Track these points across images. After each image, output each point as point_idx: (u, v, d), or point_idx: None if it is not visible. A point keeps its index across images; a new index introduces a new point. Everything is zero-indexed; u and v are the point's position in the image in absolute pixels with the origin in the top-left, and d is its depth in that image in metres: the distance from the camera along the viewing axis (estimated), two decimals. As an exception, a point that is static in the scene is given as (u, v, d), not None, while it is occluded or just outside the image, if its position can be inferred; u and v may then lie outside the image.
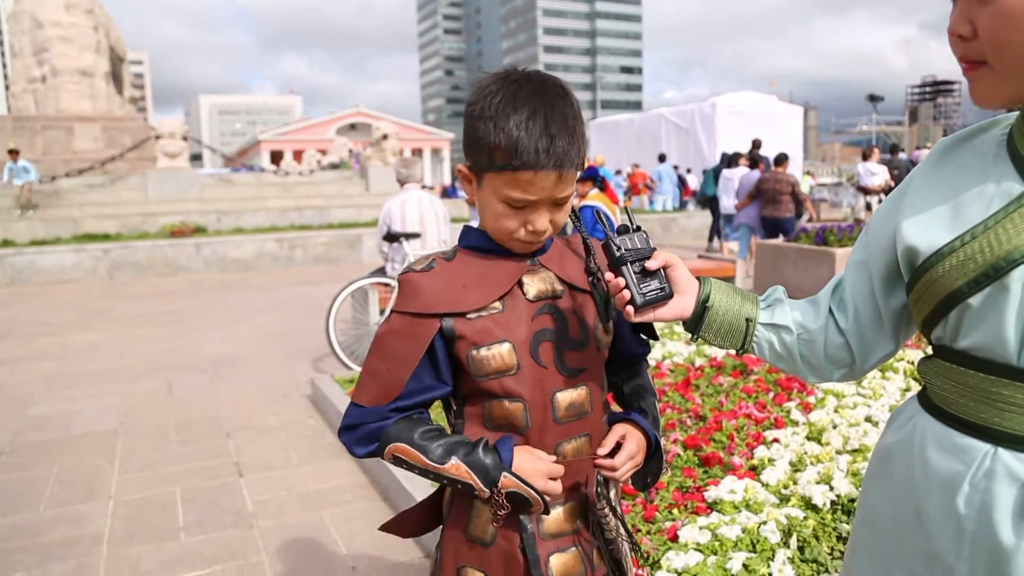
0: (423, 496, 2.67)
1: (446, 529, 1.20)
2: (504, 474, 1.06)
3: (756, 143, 12.08)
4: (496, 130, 1.03)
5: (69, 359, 5.98)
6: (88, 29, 15.74)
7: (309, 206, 14.62)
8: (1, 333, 7.12)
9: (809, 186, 19.58)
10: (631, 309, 1.04)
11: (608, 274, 1.07)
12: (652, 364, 4.11)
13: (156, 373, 5.49)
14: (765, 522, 2.24)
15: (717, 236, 12.13)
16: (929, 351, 0.97)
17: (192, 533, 2.94)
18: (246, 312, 8.01)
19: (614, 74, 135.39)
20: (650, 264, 1.05)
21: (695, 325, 1.08)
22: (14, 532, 2.98)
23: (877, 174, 11.53)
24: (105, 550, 2.82)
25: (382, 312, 5.27)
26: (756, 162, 10.40)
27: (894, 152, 15.45)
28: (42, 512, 3.16)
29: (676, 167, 19.27)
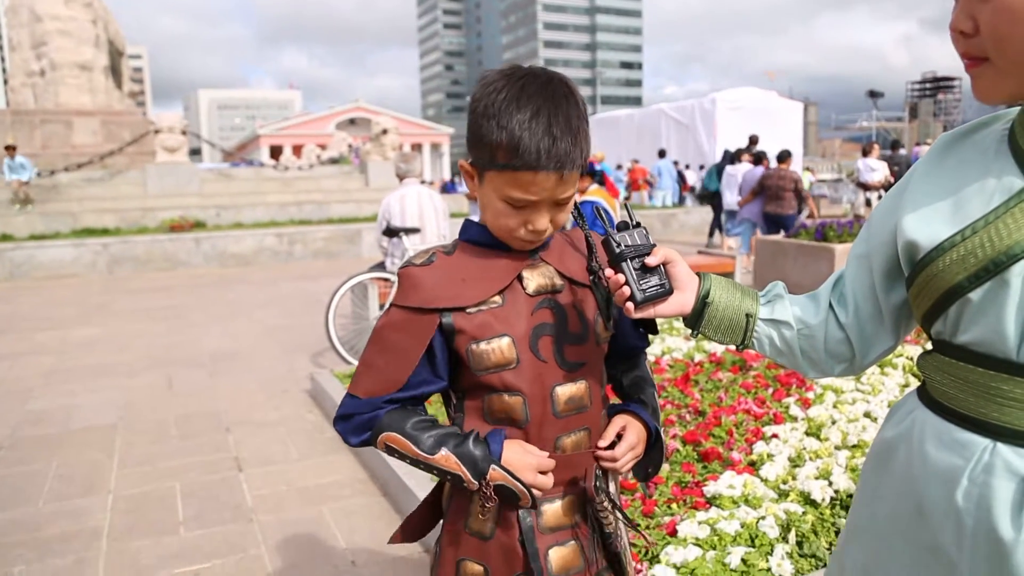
0: (423, 491, 2.68)
1: (446, 523, 1.21)
2: (492, 467, 1.07)
3: (753, 139, 12.07)
4: (498, 128, 1.02)
5: (68, 354, 5.98)
6: (87, 23, 15.70)
7: (308, 201, 14.61)
8: (0, 327, 7.12)
9: (809, 182, 19.59)
10: (631, 305, 1.04)
11: (608, 270, 1.07)
12: (651, 360, 4.11)
13: (155, 368, 5.49)
14: (764, 517, 2.25)
15: (718, 231, 12.14)
16: (928, 346, 0.97)
17: (191, 527, 2.94)
18: (245, 307, 8.01)
19: (614, 69, 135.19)
20: (650, 260, 1.05)
21: (695, 321, 1.08)
22: (13, 526, 2.98)
23: (877, 170, 11.52)
24: (104, 544, 2.82)
25: (382, 307, 5.26)
26: (759, 159, 10.40)
27: (895, 148, 15.43)
28: (41, 507, 3.16)
29: (676, 163, 19.26)
